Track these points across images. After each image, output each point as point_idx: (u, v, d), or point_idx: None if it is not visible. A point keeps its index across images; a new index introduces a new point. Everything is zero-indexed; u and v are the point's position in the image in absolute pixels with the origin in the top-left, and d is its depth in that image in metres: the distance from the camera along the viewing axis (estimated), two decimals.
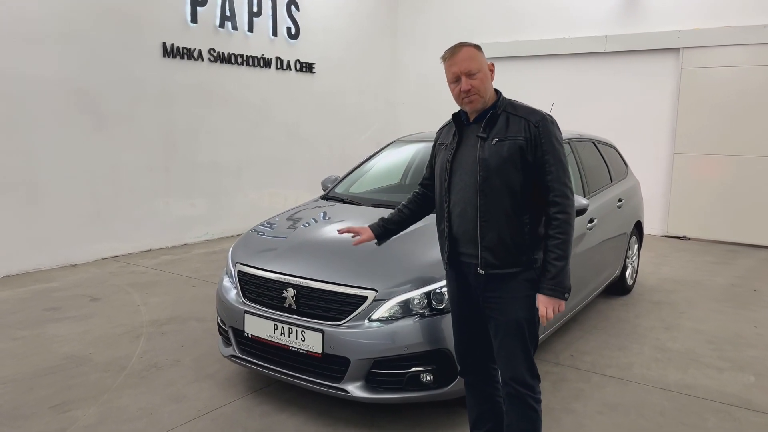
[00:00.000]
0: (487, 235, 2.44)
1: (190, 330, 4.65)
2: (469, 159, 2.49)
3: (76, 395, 3.55)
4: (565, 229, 2.40)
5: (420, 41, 10.64)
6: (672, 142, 8.57)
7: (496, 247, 2.43)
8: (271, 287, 3.34)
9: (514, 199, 2.42)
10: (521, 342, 2.49)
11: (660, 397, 3.61)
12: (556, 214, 2.40)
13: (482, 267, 2.47)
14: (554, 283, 2.40)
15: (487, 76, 2.49)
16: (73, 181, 6.48)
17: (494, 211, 2.42)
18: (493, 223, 2.43)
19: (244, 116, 8.27)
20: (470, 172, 2.47)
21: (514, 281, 2.46)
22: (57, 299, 5.35)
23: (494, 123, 2.48)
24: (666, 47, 8.46)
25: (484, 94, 2.47)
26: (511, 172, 2.41)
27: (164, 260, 6.84)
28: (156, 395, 3.57)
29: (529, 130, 2.43)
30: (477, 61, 2.45)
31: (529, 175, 2.42)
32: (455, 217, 2.55)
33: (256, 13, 8.23)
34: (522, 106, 2.53)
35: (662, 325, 4.88)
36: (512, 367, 2.51)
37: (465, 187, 2.49)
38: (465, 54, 2.46)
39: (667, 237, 8.62)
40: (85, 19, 6.40)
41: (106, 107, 6.69)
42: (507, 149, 2.41)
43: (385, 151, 5.18)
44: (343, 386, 3.09)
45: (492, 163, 2.41)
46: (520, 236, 2.43)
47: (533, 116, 2.46)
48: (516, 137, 2.42)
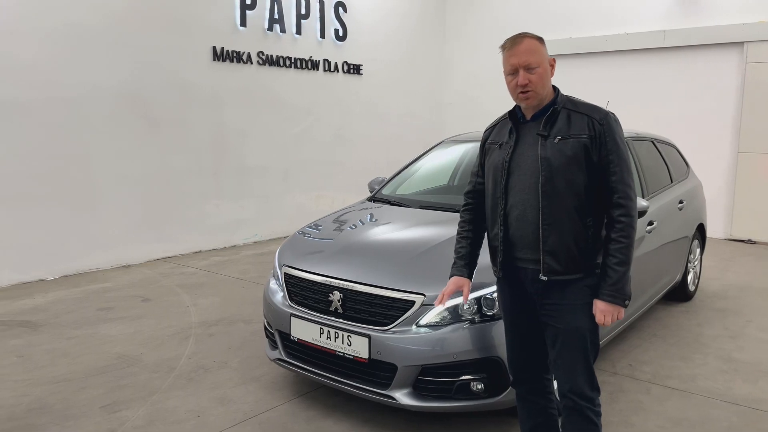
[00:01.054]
0: (550, 238, 2.31)
1: (238, 332, 4.66)
2: (528, 159, 2.36)
3: (126, 396, 3.58)
4: (629, 232, 2.28)
5: (468, 40, 10.48)
6: (736, 141, 8.15)
7: (560, 252, 2.31)
8: (317, 290, 3.29)
9: (578, 201, 2.30)
10: (581, 352, 2.37)
11: (727, 412, 3.39)
12: (620, 216, 2.28)
13: (545, 273, 2.33)
14: (614, 290, 2.27)
15: (547, 72, 2.36)
16: (126, 184, 6.62)
17: (557, 213, 2.30)
18: (556, 227, 2.30)
19: (292, 119, 8.30)
20: (531, 173, 2.34)
21: (574, 287, 2.34)
22: (110, 299, 5.46)
23: (555, 120, 2.35)
24: (729, 41, 8.06)
25: (541, 90, 2.34)
26: (575, 172, 2.29)
27: (214, 261, 6.92)
28: (203, 397, 3.57)
29: (594, 127, 2.30)
30: (538, 55, 2.32)
31: (593, 175, 2.30)
32: (512, 220, 2.41)
33: (304, 16, 8.25)
34: (582, 102, 2.41)
35: (727, 334, 4.61)
36: (571, 379, 2.38)
37: (525, 188, 2.36)
38: (526, 46, 2.32)
39: (730, 240, 8.21)
40: (137, 25, 6.53)
41: (157, 111, 6.82)
42: (571, 148, 2.29)
43: (433, 151, 5.08)
44: (390, 393, 3.01)
45: (555, 163, 2.29)
46: (584, 240, 2.31)
47: (597, 113, 2.34)
48: (580, 135, 2.30)
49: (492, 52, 11.29)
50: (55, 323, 4.82)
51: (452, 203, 4.17)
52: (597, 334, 2.41)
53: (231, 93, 7.51)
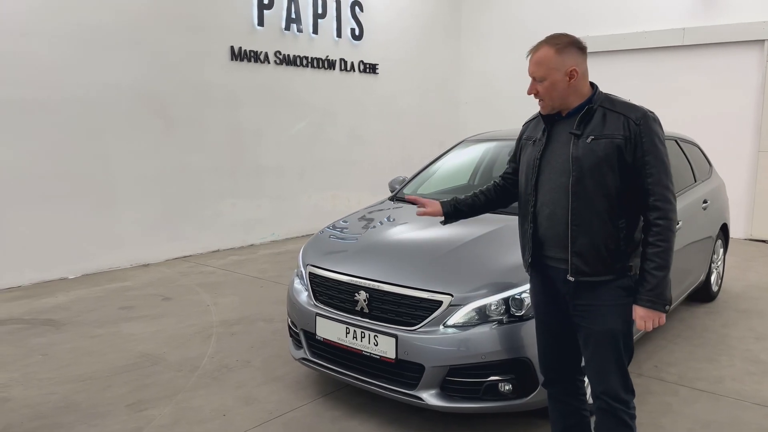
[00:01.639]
0: (579, 239, 2.27)
1: (259, 331, 4.66)
2: (560, 158, 2.33)
3: (151, 394, 3.59)
4: (667, 236, 2.22)
5: (483, 40, 10.44)
6: (756, 140, 8.05)
7: (588, 253, 2.27)
8: (342, 290, 3.28)
9: (609, 202, 2.24)
10: (615, 353, 2.33)
11: (757, 415, 3.34)
12: (657, 220, 2.22)
13: (572, 273, 2.30)
14: (653, 295, 2.23)
15: (556, 85, 2.29)
16: (145, 184, 6.65)
17: (587, 214, 2.26)
18: (586, 228, 2.26)
19: (309, 118, 8.30)
20: (561, 172, 2.31)
21: (606, 288, 2.30)
22: (131, 298, 5.48)
23: (590, 119, 2.30)
24: (749, 39, 7.97)
25: (551, 101, 2.33)
26: (606, 173, 2.23)
27: (231, 261, 6.93)
28: (228, 396, 3.57)
29: (629, 128, 2.24)
30: (544, 68, 2.29)
31: (627, 176, 2.24)
32: (542, 219, 2.39)
33: (320, 15, 8.25)
34: (621, 101, 2.35)
35: (752, 335, 4.55)
36: (604, 380, 2.35)
37: (555, 187, 2.33)
38: (537, 56, 2.32)
39: (751, 240, 8.12)
40: (155, 25, 6.56)
41: (175, 111, 6.84)
42: (603, 148, 2.24)
43: (454, 151, 5.05)
44: (417, 394, 2.99)
45: (586, 163, 2.24)
46: (615, 242, 2.26)
47: (634, 113, 2.27)
48: (614, 135, 2.24)
49: (507, 51, 11.27)
50: (77, 322, 4.84)
51: None
52: (631, 336, 2.37)
53: (248, 93, 7.53)
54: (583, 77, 2.33)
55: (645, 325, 2.26)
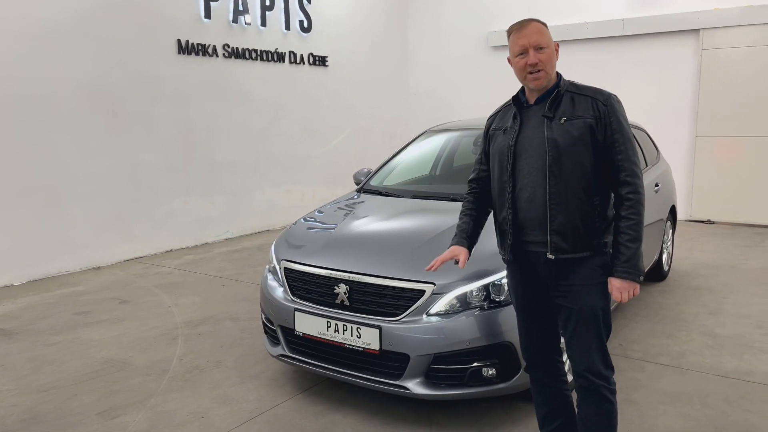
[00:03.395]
0: (557, 218, 2.34)
1: (226, 330, 4.56)
2: (535, 141, 2.38)
3: (121, 401, 3.46)
4: (638, 209, 2.32)
5: (432, 32, 10.51)
6: (694, 126, 8.45)
7: (566, 231, 2.33)
8: (321, 283, 3.25)
9: (585, 180, 2.32)
10: (595, 331, 2.39)
11: (721, 385, 3.52)
12: (628, 194, 2.31)
13: (552, 251, 2.36)
14: (629, 266, 2.30)
15: (554, 54, 2.40)
16: (93, 183, 6.38)
17: (565, 193, 2.33)
18: (564, 206, 2.33)
19: (260, 112, 8.16)
20: (537, 154, 2.37)
21: (585, 267, 2.36)
22: (85, 303, 5.26)
23: (559, 103, 2.38)
24: (685, 29, 8.34)
25: (550, 71, 2.38)
26: (582, 151, 2.32)
27: (187, 260, 6.75)
28: (203, 398, 3.48)
29: (598, 108, 2.34)
30: (546, 36, 2.38)
31: (599, 155, 2.33)
32: (522, 203, 2.41)
33: (268, 7, 8.10)
34: (585, 86, 2.45)
35: (706, 311, 4.79)
36: (586, 358, 2.40)
37: (532, 170, 2.38)
38: (534, 27, 2.38)
39: (691, 221, 8.52)
40: (99, 17, 6.28)
41: (122, 106, 6.58)
42: (578, 128, 2.32)
43: (416, 142, 5.07)
44: (402, 383, 3.00)
45: (562, 143, 2.32)
46: (591, 219, 2.34)
47: (600, 95, 2.38)
48: (585, 116, 2.33)
49: (454, 42, 11.37)
50: (31, 330, 4.61)
51: (445, 192, 4.21)
52: (609, 314, 2.44)
53: (198, 87, 7.33)
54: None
55: (621, 296, 2.33)
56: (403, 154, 4.95)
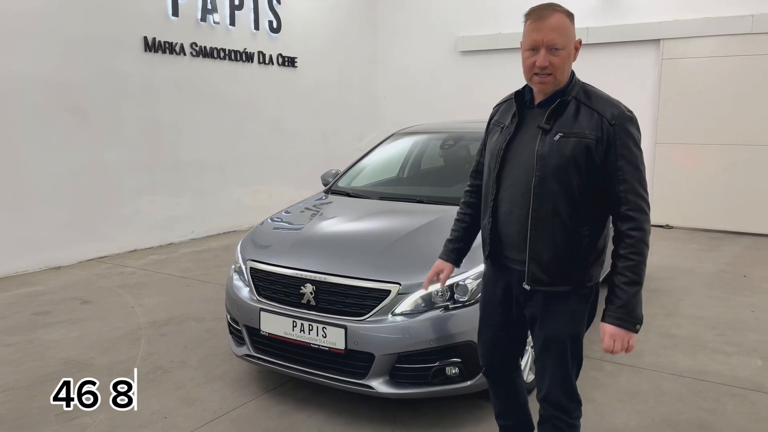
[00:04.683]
0: (538, 244, 2.10)
1: (191, 330, 4.52)
2: (525, 152, 2.13)
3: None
4: (640, 248, 2.03)
5: (400, 34, 10.57)
6: (654, 133, 8.68)
7: (547, 261, 2.11)
8: (287, 283, 3.26)
9: (573, 207, 2.07)
10: (560, 361, 2.20)
11: (675, 384, 3.64)
12: (630, 231, 2.02)
13: (528, 281, 2.15)
14: (624, 312, 2.03)
15: (570, 57, 2.08)
16: (55, 181, 6.25)
17: (548, 218, 2.08)
18: (546, 232, 2.09)
19: (228, 112, 8.10)
20: (524, 169, 2.12)
21: (560, 296, 2.16)
22: (45, 303, 5.15)
23: (561, 112, 2.09)
24: (647, 38, 8.57)
25: (561, 76, 2.08)
26: (572, 174, 2.05)
27: (152, 260, 6.66)
28: (167, 399, 3.45)
29: (602, 128, 2.03)
30: (565, 35, 2.03)
31: (593, 180, 2.05)
32: (501, 215, 2.22)
33: (237, 7, 8.06)
34: (598, 95, 2.14)
35: (663, 312, 4.93)
36: (547, 386, 2.24)
37: (516, 184, 2.15)
38: (555, 22, 2.02)
39: (651, 226, 8.73)
40: (63, 12, 6.16)
41: (87, 104, 6.47)
42: (572, 148, 2.04)
43: (384, 144, 5.11)
44: (367, 382, 3.03)
45: (551, 162, 2.05)
46: (576, 251, 2.10)
47: (609, 110, 2.06)
48: (584, 134, 2.04)
49: (423, 46, 11.41)
50: None
51: (413, 194, 4.26)
52: (579, 344, 2.23)
53: (165, 85, 7.24)
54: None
55: (613, 346, 2.05)
56: (371, 156, 4.99)
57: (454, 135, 5.00)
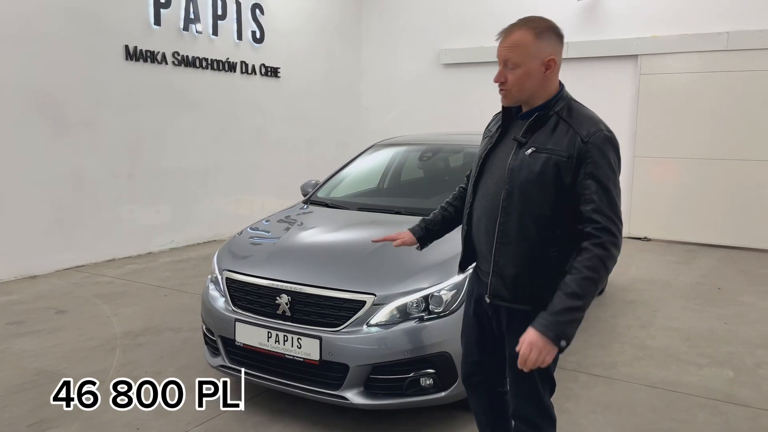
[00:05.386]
0: (502, 259, 2.07)
1: (167, 341, 4.49)
2: (500, 163, 2.11)
3: (54, 412, 3.36)
4: (595, 265, 1.90)
5: (384, 46, 10.65)
6: (632, 146, 8.81)
7: (510, 277, 2.07)
8: (262, 294, 3.25)
9: (539, 226, 2.01)
10: (528, 381, 2.12)
11: (648, 395, 3.68)
12: (590, 245, 1.92)
13: (490, 294, 2.13)
14: (552, 321, 1.90)
15: (530, 75, 2.02)
16: (32, 189, 6.18)
17: (514, 234, 2.04)
18: (511, 249, 2.05)
19: (210, 121, 8.08)
20: (496, 180, 2.10)
21: (525, 316, 2.05)
22: (19, 312, 5.09)
23: (539, 127, 2.06)
24: (625, 54, 8.71)
25: (518, 93, 2.06)
26: (540, 192, 1.99)
27: (130, 270, 6.60)
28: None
29: (575, 145, 1.96)
30: (522, 53, 2.01)
31: (564, 200, 1.98)
32: (473, 223, 2.23)
33: (220, 16, 8.07)
34: (579, 111, 2.08)
35: (639, 324, 4.99)
36: (518, 403, 2.22)
37: (487, 194, 2.14)
38: (514, 39, 2.02)
39: (629, 238, 8.85)
40: (45, 20, 6.13)
41: (67, 111, 6.42)
42: (542, 164, 1.98)
43: (364, 155, 5.14)
44: (342, 393, 3.03)
45: (520, 177, 2.01)
46: (542, 271, 2.02)
47: (585, 128, 1.99)
48: (556, 151, 1.98)
49: (407, 60, 11.48)
50: None
51: (390, 204, 4.28)
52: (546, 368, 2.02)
53: (146, 93, 7.21)
54: (557, 70, 2.08)
55: (529, 355, 1.90)
56: (351, 167, 5.01)
57: (432, 147, 5.04)
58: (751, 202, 8.13)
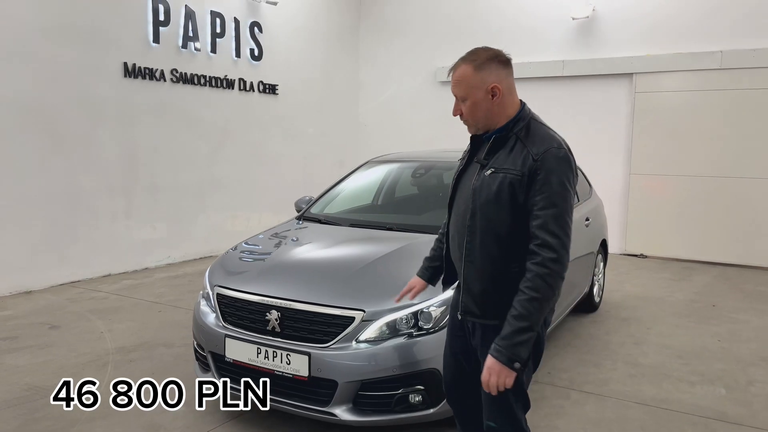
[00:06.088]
0: (469, 275, 2.16)
1: (160, 356, 4.49)
2: (467, 184, 2.22)
3: (43, 428, 3.36)
4: (536, 285, 1.96)
5: (382, 64, 10.74)
6: (628, 164, 8.85)
7: (478, 293, 2.15)
8: (253, 310, 3.26)
9: (500, 244, 2.09)
10: (500, 397, 2.09)
11: (639, 412, 3.67)
12: (531, 265, 1.99)
13: (461, 311, 2.21)
14: (503, 346, 1.97)
15: (479, 105, 2.15)
16: (28, 204, 6.21)
17: (478, 252, 2.13)
18: (477, 266, 2.14)
19: (207, 137, 8.14)
20: (464, 200, 2.21)
21: (494, 332, 2.09)
22: (13, 328, 5.09)
23: (499, 148, 2.15)
24: (620, 72, 8.78)
25: (475, 122, 2.19)
26: (497, 211, 2.08)
27: (125, 285, 6.61)
28: (130, 425, 3.42)
29: (526, 164, 2.04)
30: (465, 87, 2.15)
31: (520, 217, 2.06)
32: (449, 241, 2.36)
33: (219, 34, 8.16)
34: (536, 132, 2.14)
35: (632, 341, 4.98)
36: (487, 416, 2.22)
37: (458, 214, 2.26)
38: (457, 75, 2.18)
39: (625, 255, 8.86)
40: (44, 37, 6.21)
41: (64, 127, 6.48)
42: (498, 183, 2.07)
43: (358, 171, 5.17)
44: (330, 410, 3.03)
45: (480, 197, 2.12)
46: (507, 286, 2.07)
47: (536, 147, 2.06)
48: (510, 170, 2.06)
49: (405, 75, 11.56)
50: None
51: (383, 221, 4.29)
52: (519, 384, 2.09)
53: (143, 110, 7.27)
54: (508, 93, 2.17)
55: (488, 379, 1.98)
56: (345, 183, 5.04)
57: (425, 164, 5.07)
58: (746, 219, 8.15)
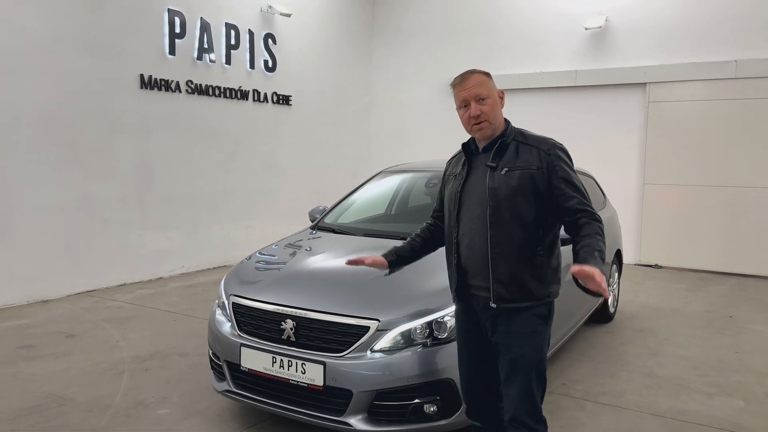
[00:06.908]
0: (499, 267, 2.39)
1: (175, 365, 4.52)
2: (478, 189, 2.46)
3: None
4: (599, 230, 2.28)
5: (395, 75, 10.80)
6: (642, 173, 8.81)
7: (508, 280, 2.38)
8: (268, 319, 3.28)
9: (526, 231, 2.37)
10: (526, 381, 2.41)
11: (655, 424, 3.64)
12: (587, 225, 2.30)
13: (494, 300, 2.41)
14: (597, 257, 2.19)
15: (497, 103, 2.47)
16: (45, 214, 6.29)
17: (505, 242, 2.38)
18: (505, 255, 2.38)
19: (221, 147, 8.21)
20: (479, 203, 2.44)
21: (524, 316, 2.41)
22: (30, 336, 5.14)
23: (504, 152, 2.45)
24: (633, 82, 8.77)
25: (494, 120, 2.45)
26: (521, 202, 2.37)
27: (140, 294, 6.66)
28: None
29: (541, 158, 2.39)
30: (486, 87, 2.44)
31: (542, 205, 2.38)
32: (463, 249, 2.51)
33: (233, 46, 8.25)
34: (533, 135, 2.51)
35: (647, 352, 4.94)
36: (513, 407, 2.44)
37: (474, 218, 2.45)
38: (475, 80, 2.44)
39: (640, 265, 8.80)
40: (62, 49, 6.31)
41: (80, 138, 6.56)
42: (518, 179, 2.37)
43: (372, 181, 5.19)
44: (345, 420, 3.03)
45: (501, 193, 2.38)
46: (534, 269, 2.39)
47: (544, 145, 2.43)
48: (527, 166, 2.39)
49: (417, 85, 11.62)
50: None
51: (396, 231, 4.29)
52: (543, 366, 2.44)
53: (158, 121, 7.36)
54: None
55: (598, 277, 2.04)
56: (358, 193, 5.06)
57: (439, 174, 5.05)
58: (763, 229, 8.08)
